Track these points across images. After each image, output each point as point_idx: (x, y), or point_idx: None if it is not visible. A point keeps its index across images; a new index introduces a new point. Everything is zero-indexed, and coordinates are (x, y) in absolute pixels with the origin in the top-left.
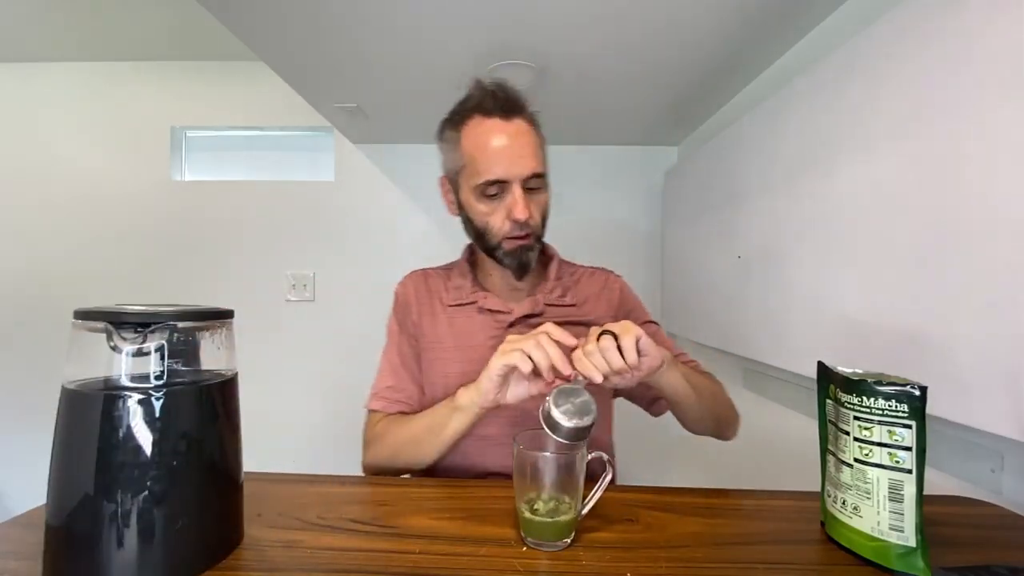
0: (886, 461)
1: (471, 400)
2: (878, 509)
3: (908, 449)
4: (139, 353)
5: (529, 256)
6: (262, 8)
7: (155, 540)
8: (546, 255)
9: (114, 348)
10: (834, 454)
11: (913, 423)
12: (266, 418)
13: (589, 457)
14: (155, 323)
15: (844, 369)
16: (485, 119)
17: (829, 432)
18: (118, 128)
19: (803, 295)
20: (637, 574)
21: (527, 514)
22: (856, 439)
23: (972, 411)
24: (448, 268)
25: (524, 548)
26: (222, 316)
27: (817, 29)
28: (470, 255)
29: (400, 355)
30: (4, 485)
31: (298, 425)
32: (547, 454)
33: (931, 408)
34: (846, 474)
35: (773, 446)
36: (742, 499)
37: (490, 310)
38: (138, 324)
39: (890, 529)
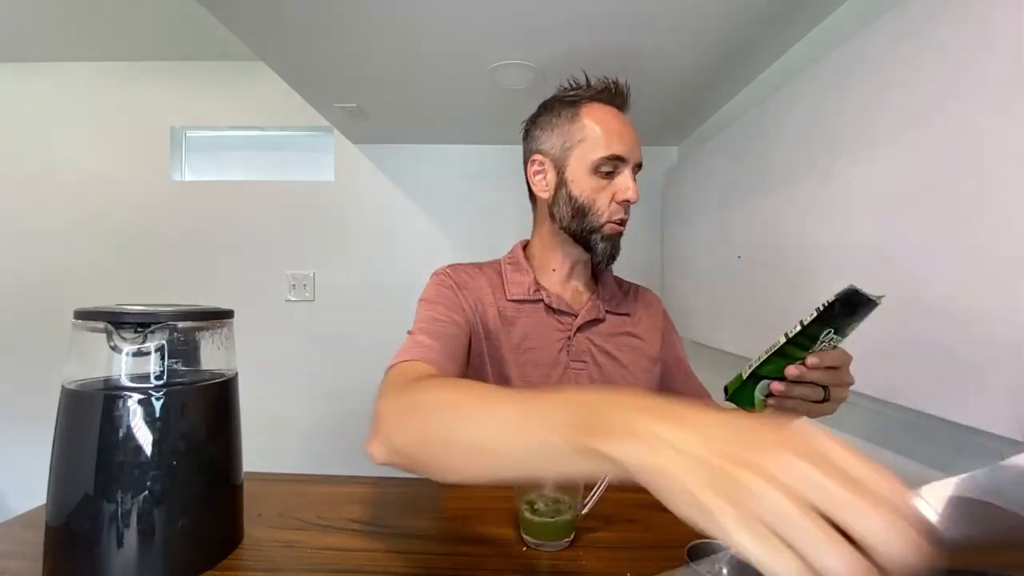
0: (788, 328)
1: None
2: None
3: (801, 322)
4: (139, 353)
5: (618, 247)
6: (262, 8)
7: (155, 540)
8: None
9: (114, 348)
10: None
11: (820, 307)
12: (266, 418)
13: None
14: (155, 323)
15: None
16: (606, 104)
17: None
18: (118, 128)
19: (803, 295)
20: (637, 574)
21: (527, 514)
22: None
23: (972, 411)
24: (492, 265)
25: (524, 548)
26: (222, 316)
27: (817, 29)
28: (523, 250)
29: (439, 322)
30: (4, 485)
31: (298, 425)
32: None
33: (931, 408)
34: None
35: None
36: None
37: (556, 310)
38: (138, 324)
39: (747, 366)
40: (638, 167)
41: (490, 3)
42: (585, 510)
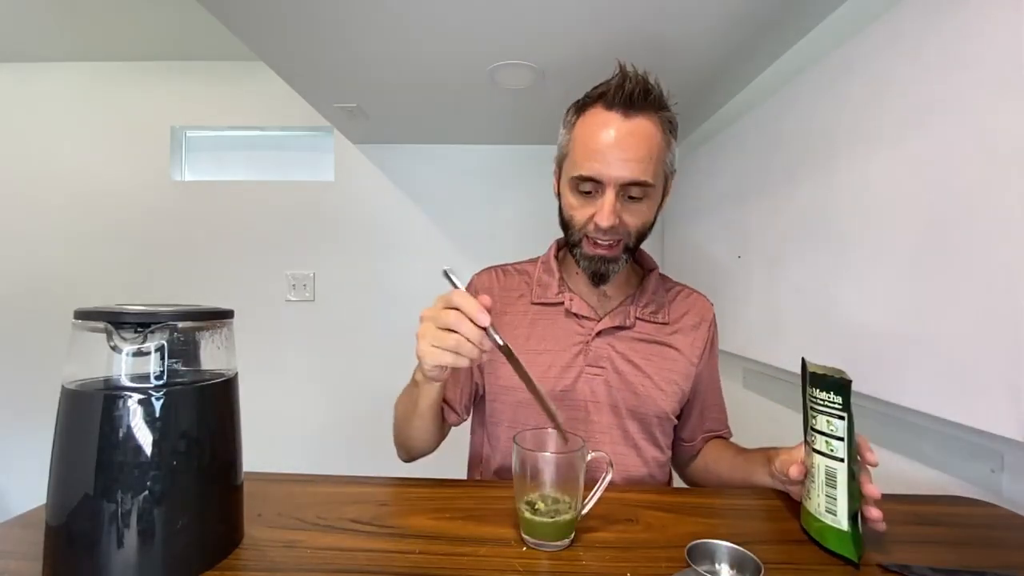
0: (824, 448)
1: (423, 377)
2: (818, 492)
3: (840, 439)
4: (139, 353)
5: (608, 268)
6: (262, 8)
7: (155, 540)
8: (644, 267)
9: (114, 348)
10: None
11: (845, 415)
12: (266, 418)
13: (590, 457)
14: (155, 323)
15: (815, 363)
16: (605, 111)
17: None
18: (118, 128)
19: (803, 295)
20: (637, 574)
21: (527, 514)
22: (812, 428)
23: (972, 411)
24: (530, 264)
25: (524, 548)
26: (222, 316)
27: (817, 29)
28: (557, 251)
29: None
30: (4, 485)
31: (298, 425)
32: (547, 454)
33: (931, 408)
34: (808, 461)
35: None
36: (742, 499)
37: (576, 314)
38: (138, 324)
39: (826, 511)
40: (640, 186)
41: (490, 3)
42: (585, 510)
